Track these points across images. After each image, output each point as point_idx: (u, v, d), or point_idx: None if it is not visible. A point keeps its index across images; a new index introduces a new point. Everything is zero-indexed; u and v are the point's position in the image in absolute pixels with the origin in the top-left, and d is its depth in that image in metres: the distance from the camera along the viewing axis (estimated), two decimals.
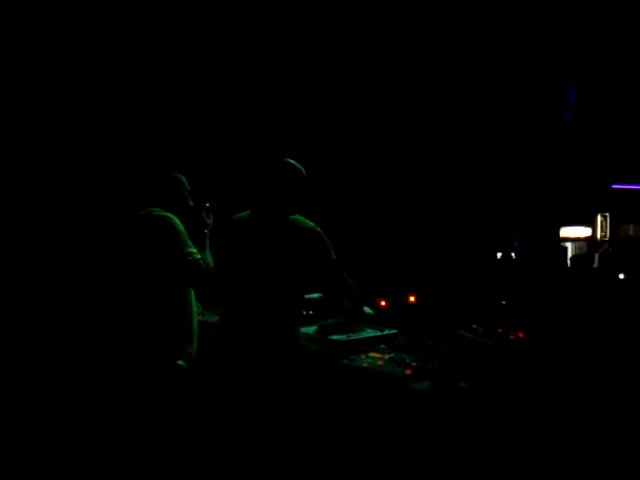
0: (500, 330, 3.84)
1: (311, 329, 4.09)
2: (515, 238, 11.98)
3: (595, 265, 10.57)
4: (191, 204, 3.88)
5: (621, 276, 8.39)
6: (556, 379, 3.29)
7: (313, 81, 8.86)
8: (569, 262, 9.79)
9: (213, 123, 7.92)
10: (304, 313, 4.32)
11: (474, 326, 3.95)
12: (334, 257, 3.63)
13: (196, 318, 3.72)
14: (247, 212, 3.80)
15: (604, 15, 11.22)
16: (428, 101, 10.24)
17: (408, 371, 3.33)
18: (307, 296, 4.13)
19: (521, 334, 3.73)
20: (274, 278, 3.53)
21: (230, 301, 3.70)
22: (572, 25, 11.40)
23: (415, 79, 10.03)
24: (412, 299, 5.73)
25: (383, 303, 5.68)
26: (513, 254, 11.24)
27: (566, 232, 13.49)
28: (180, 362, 3.48)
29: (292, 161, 3.78)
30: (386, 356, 3.61)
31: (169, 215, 3.53)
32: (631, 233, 13.64)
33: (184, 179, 3.92)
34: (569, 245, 13.25)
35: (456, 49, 10.29)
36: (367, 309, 4.16)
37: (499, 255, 10.62)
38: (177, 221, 3.51)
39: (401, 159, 9.92)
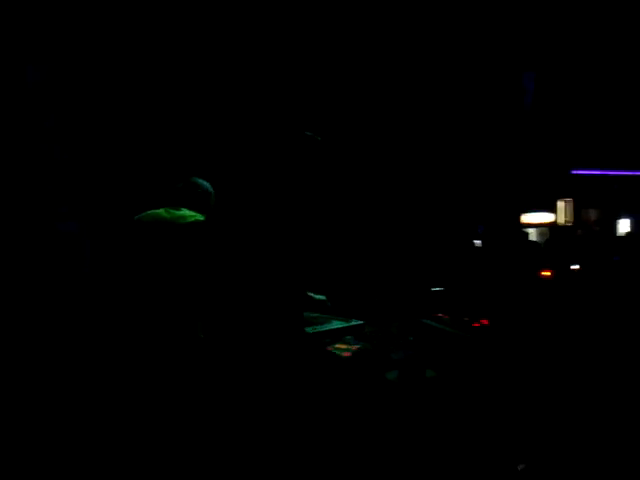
0: (466, 318, 3.83)
1: None
2: (479, 227, 12.03)
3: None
4: None
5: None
6: (520, 365, 3.29)
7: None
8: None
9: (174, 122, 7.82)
10: None
11: (440, 315, 3.95)
12: None
13: None
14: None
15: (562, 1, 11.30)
16: (389, 94, 10.22)
17: (346, 353, 3.34)
18: None
19: (485, 322, 3.73)
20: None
21: None
22: (530, 9, 11.45)
23: (375, 68, 9.99)
24: (379, 290, 5.70)
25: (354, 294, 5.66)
26: (477, 242, 11.28)
27: (528, 218, 13.57)
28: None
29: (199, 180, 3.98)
30: (353, 347, 3.58)
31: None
32: (593, 218, 13.79)
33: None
34: (531, 231, 13.33)
35: (413, 37, 10.27)
36: (318, 296, 4.13)
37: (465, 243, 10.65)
38: None
39: (362, 150, 9.88)
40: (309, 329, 3.88)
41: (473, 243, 11.02)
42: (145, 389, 3.56)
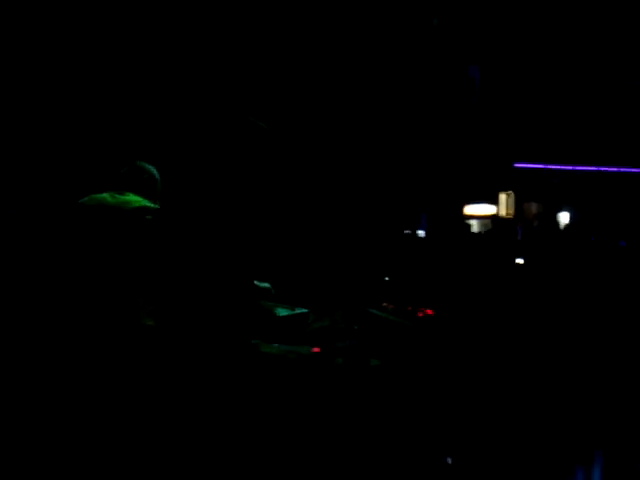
0: (409, 308, 3.88)
1: None
2: (422, 217, 12.17)
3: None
4: None
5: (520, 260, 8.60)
6: (464, 353, 3.35)
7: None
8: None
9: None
10: None
11: (384, 304, 3.98)
12: None
13: None
14: None
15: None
16: (330, 86, 10.24)
17: (316, 349, 3.33)
18: None
19: (429, 311, 3.78)
20: None
21: None
22: (476, 6, 11.62)
23: (321, 59, 10.01)
24: (324, 278, 5.73)
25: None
26: (420, 232, 11.41)
27: (471, 210, 13.77)
28: None
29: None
30: None
31: None
32: (534, 211, 14.06)
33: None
34: (474, 222, 13.54)
35: (361, 32, 10.32)
36: (263, 284, 4.13)
37: (406, 233, 10.76)
38: None
39: (307, 138, 9.89)
40: None
41: (416, 233, 11.14)
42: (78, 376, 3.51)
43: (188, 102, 7.92)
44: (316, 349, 3.31)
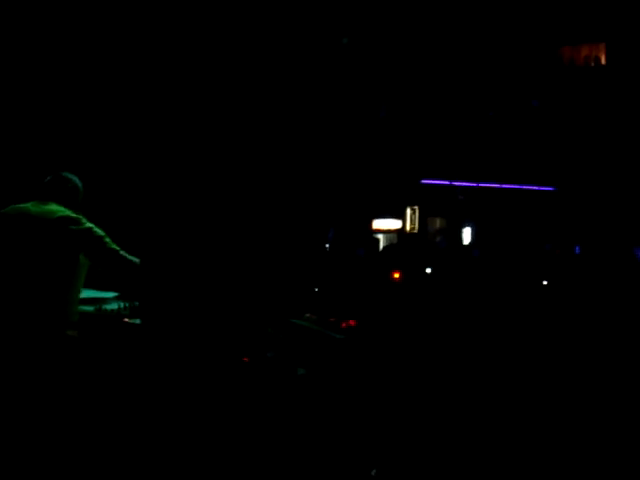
0: (332, 319, 3.96)
1: None
2: (330, 230, 12.31)
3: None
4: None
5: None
6: (387, 361, 3.47)
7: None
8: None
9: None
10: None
11: (307, 315, 4.06)
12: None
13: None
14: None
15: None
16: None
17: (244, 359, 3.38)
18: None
19: (352, 322, 3.88)
20: None
21: None
22: (385, 20, 11.90)
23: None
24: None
25: None
26: (327, 245, 11.56)
27: (378, 224, 14.01)
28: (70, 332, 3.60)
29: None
30: None
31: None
32: (438, 225, 14.44)
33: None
34: (381, 237, 13.79)
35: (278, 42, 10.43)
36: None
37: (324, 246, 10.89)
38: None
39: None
40: None
41: (325, 247, 11.28)
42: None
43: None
44: (245, 359, 3.36)
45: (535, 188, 14.76)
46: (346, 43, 11.99)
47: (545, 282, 9.04)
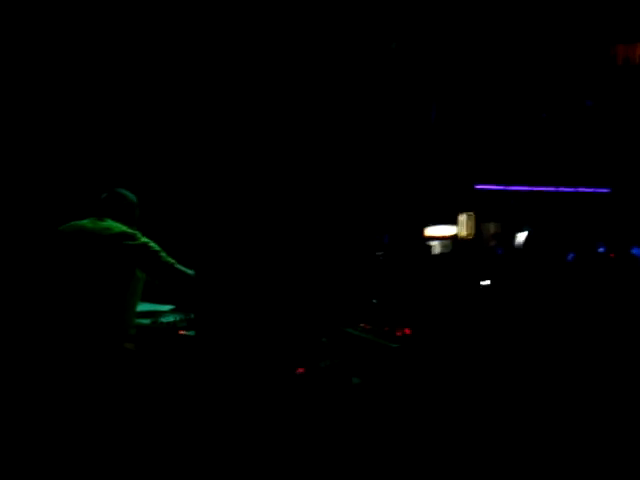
0: (387, 328, 3.96)
1: None
2: (384, 237, 12.26)
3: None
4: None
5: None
6: (445, 371, 3.45)
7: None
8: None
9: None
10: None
11: (362, 325, 4.07)
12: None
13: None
14: None
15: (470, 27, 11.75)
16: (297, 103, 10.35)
17: (300, 369, 3.39)
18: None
19: (407, 331, 3.87)
20: None
21: None
22: (435, 30, 11.85)
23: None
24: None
25: None
26: (380, 252, 11.49)
27: (431, 231, 13.91)
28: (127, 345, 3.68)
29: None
30: None
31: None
32: (492, 231, 14.27)
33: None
34: (435, 243, 13.67)
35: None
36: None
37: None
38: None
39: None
40: None
41: (379, 254, 11.23)
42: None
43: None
44: (300, 369, 3.38)
45: (590, 190, 14.52)
46: (395, 47, 11.96)
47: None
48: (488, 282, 7.80)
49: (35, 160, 7.16)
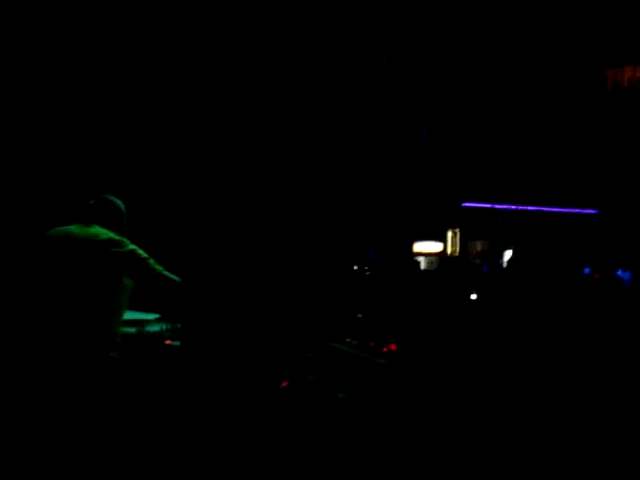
0: (372, 344, 3.95)
1: None
2: (369, 253, 12.27)
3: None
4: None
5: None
6: (429, 386, 3.44)
7: None
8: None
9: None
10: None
11: (348, 339, 4.05)
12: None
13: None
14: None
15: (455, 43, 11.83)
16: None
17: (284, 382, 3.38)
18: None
19: (393, 347, 3.86)
20: None
21: None
22: (424, 45, 11.93)
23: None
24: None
25: None
26: (367, 268, 11.49)
27: (419, 247, 13.96)
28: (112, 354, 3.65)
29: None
30: None
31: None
32: (479, 249, 14.34)
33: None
34: (422, 259, 13.72)
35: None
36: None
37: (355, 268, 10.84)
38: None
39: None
40: None
41: (365, 269, 11.22)
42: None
43: None
44: (284, 383, 3.36)
45: (577, 211, 14.60)
46: (386, 64, 12.02)
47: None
48: (474, 296, 7.81)
49: (25, 164, 7.13)
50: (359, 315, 5.05)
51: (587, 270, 12.83)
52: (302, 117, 10.57)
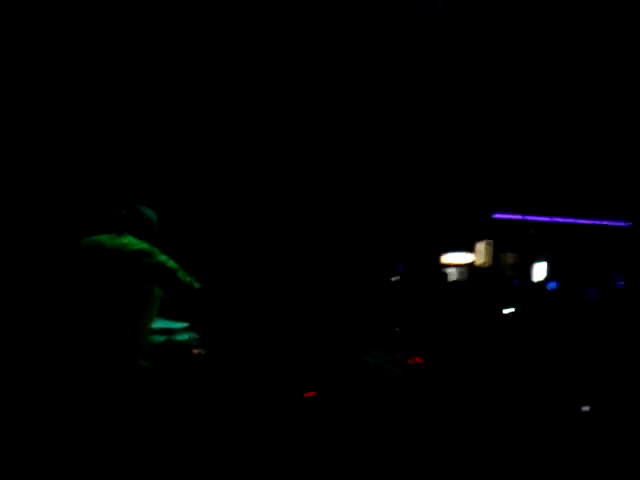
0: (399, 356, 3.96)
1: None
2: (397, 265, 12.24)
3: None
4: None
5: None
6: (453, 401, 3.43)
7: None
8: None
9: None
10: None
11: (376, 351, 4.07)
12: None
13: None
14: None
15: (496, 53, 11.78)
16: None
17: (310, 393, 3.40)
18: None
19: (419, 359, 3.86)
20: None
21: None
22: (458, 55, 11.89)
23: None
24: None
25: None
26: (394, 280, 11.48)
27: (448, 258, 13.87)
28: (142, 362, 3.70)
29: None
30: None
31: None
32: (510, 261, 14.22)
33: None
34: (451, 271, 13.63)
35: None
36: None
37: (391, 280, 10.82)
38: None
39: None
40: None
41: (393, 281, 11.20)
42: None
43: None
44: (311, 393, 3.38)
45: (609, 223, 14.45)
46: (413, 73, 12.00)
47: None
48: (509, 311, 7.76)
49: (57, 173, 7.22)
50: (397, 329, 5.05)
51: (620, 283, 12.71)
52: (334, 127, 10.61)
